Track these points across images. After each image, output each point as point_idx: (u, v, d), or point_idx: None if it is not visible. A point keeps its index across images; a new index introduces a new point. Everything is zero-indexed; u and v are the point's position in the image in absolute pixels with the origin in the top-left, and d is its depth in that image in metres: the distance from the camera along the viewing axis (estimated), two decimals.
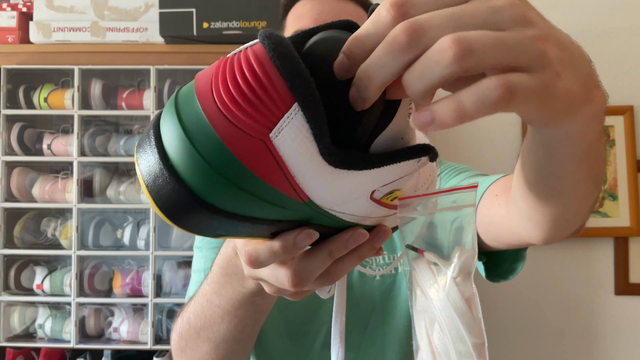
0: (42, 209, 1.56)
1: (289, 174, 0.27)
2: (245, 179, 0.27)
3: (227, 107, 0.25)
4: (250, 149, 0.26)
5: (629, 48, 1.74)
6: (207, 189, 0.26)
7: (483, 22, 0.26)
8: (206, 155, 0.26)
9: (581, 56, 0.31)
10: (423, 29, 0.25)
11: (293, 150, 0.26)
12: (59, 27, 1.51)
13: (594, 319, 1.71)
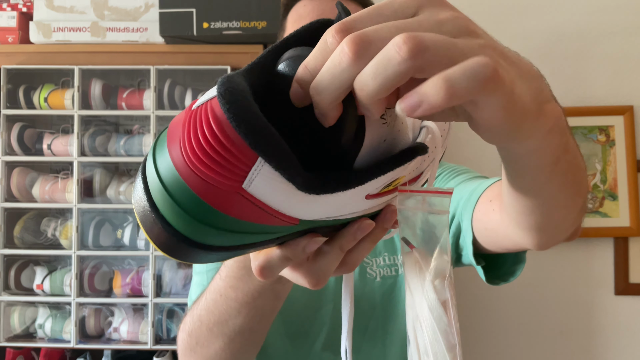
0: (42, 209, 1.57)
1: (272, 210, 0.28)
2: (229, 223, 0.27)
3: (195, 166, 0.26)
4: (226, 200, 0.26)
5: (629, 48, 1.74)
6: (192, 233, 0.27)
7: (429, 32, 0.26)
8: (183, 205, 0.26)
9: (529, 71, 0.31)
10: (369, 39, 0.25)
11: (269, 192, 0.27)
12: (59, 27, 1.51)
13: (594, 319, 1.71)
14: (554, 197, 0.44)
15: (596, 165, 1.71)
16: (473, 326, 1.71)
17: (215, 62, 1.48)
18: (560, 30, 1.76)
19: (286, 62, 0.29)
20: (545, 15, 1.76)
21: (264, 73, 0.29)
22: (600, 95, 1.74)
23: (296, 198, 0.28)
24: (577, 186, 0.45)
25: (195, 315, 0.63)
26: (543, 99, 0.32)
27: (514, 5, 1.77)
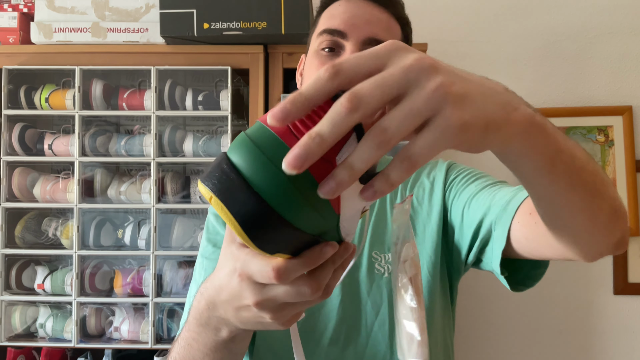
0: (43, 208, 1.57)
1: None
2: (316, 197, 0.32)
3: (297, 129, 0.33)
4: (323, 171, 0.32)
5: (628, 48, 1.74)
6: (290, 211, 0.32)
7: (398, 84, 0.32)
8: (299, 185, 0.32)
9: (492, 88, 0.36)
10: (358, 98, 0.31)
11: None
12: (60, 27, 1.52)
13: (593, 318, 1.71)
14: (568, 200, 0.47)
15: None
16: (473, 325, 1.71)
17: (216, 63, 1.49)
18: (560, 31, 1.76)
19: None
20: (545, 16, 1.77)
21: None
22: (599, 95, 1.74)
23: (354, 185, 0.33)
24: (589, 188, 0.47)
25: (172, 357, 0.65)
26: (510, 109, 0.36)
27: (514, 5, 1.77)
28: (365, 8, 0.80)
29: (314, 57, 0.81)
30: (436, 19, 1.77)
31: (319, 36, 0.81)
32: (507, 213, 0.68)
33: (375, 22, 0.79)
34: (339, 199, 0.34)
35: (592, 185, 0.48)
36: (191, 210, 1.56)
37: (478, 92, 0.34)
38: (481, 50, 1.77)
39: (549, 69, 1.76)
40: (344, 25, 0.78)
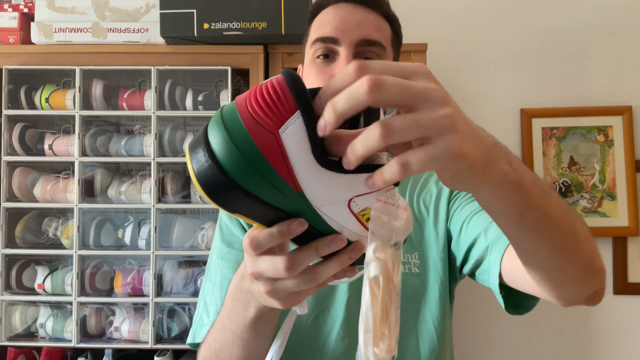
0: (44, 208, 1.57)
1: (289, 165, 0.37)
2: (262, 165, 0.37)
3: (254, 111, 0.37)
4: (266, 141, 0.36)
5: (627, 48, 1.75)
6: (238, 173, 0.37)
7: (417, 94, 0.36)
8: (240, 147, 0.36)
9: (483, 138, 0.40)
10: (380, 82, 0.35)
11: (294, 145, 0.36)
12: (60, 27, 1.52)
13: (593, 318, 1.72)
14: (536, 251, 0.52)
15: (595, 166, 1.71)
16: (473, 325, 1.72)
17: (216, 63, 1.49)
18: (560, 31, 1.76)
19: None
20: (545, 16, 1.77)
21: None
22: (599, 95, 1.75)
23: (307, 163, 0.37)
24: (559, 245, 0.51)
25: (207, 342, 0.69)
26: (488, 161, 0.40)
27: (514, 5, 1.77)
28: (353, 11, 0.82)
29: (311, 66, 0.82)
30: (436, 19, 1.77)
31: (312, 45, 0.83)
32: (502, 240, 0.72)
33: (365, 23, 0.81)
34: (292, 174, 0.37)
35: (563, 243, 0.51)
36: (191, 210, 1.56)
37: (474, 136, 0.39)
38: (481, 50, 1.77)
39: (549, 69, 1.76)
40: (335, 31, 0.80)
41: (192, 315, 1.51)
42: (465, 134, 0.37)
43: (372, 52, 0.80)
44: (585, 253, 0.55)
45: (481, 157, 0.39)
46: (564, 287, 0.59)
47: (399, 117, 0.35)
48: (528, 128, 1.72)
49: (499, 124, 1.76)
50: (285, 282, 0.45)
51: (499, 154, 0.42)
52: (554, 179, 1.72)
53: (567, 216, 0.51)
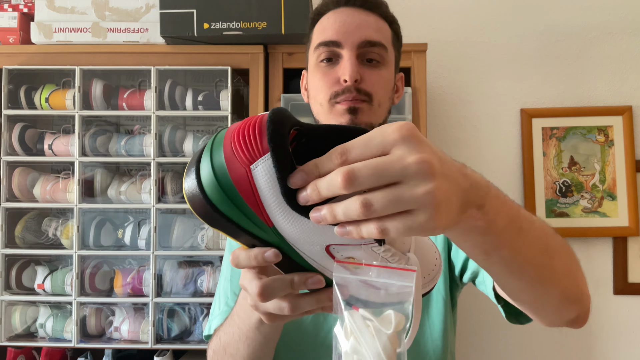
0: (44, 208, 1.57)
1: (259, 200, 0.39)
2: (236, 197, 0.39)
3: (234, 144, 0.38)
4: (239, 174, 0.38)
5: (628, 48, 1.75)
6: (217, 201, 0.39)
7: (395, 175, 0.36)
8: (218, 177, 0.39)
9: (463, 182, 0.41)
10: (353, 176, 0.36)
11: (264, 183, 0.38)
12: (60, 27, 1.52)
13: (593, 318, 1.72)
14: (507, 283, 0.54)
15: (595, 166, 1.71)
16: (473, 324, 1.71)
17: (216, 63, 1.49)
18: (560, 31, 1.76)
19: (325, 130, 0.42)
20: (545, 16, 1.77)
21: (307, 131, 0.42)
22: (599, 95, 1.75)
23: (277, 202, 0.38)
24: (531, 279, 0.52)
25: (218, 335, 0.70)
26: (459, 210, 0.40)
27: (514, 5, 1.77)
28: (354, 14, 0.83)
29: (316, 71, 0.84)
30: (436, 18, 1.77)
31: (315, 50, 0.84)
32: None
33: (365, 25, 0.82)
34: (262, 209, 0.39)
35: (537, 278, 0.52)
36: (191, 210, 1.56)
37: (455, 199, 0.39)
38: (481, 50, 1.77)
39: (549, 69, 1.76)
40: (337, 34, 0.82)
41: (192, 315, 1.51)
42: (445, 202, 0.37)
43: (374, 53, 0.82)
44: (562, 285, 0.56)
45: (453, 211, 0.39)
46: (542, 313, 0.60)
47: (380, 194, 0.36)
48: (528, 128, 1.72)
49: (499, 124, 1.76)
50: (263, 304, 0.47)
51: (473, 199, 0.42)
52: (554, 179, 1.72)
53: (545, 252, 0.52)
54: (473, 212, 0.42)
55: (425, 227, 0.37)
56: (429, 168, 0.36)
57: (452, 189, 0.38)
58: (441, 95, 1.77)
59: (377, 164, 0.36)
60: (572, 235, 1.69)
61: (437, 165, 0.37)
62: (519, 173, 1.74)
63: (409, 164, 0.36)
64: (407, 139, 0.37)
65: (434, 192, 0.36)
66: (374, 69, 0.82)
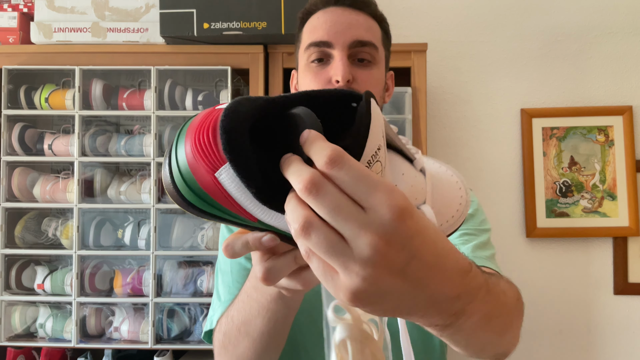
0: (43, 208, 1.57)
1: (235, 203, 0.36)
2: (209, 201, 0.36)
3: (195, 147, 0.35)
4: (207, 181, 0.35)
5: (628, 48, 1.74)
6: (193, 200, 0.37)
7: (348, 233, 0.33)
8: (187, 181, 0.36)
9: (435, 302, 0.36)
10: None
11: (233, 189, 0.35)
12: (60, 27, 1.52)
13: (593, 318, 1.71)
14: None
15: (595, 165, 1.71)
16: None
17: (216, 63, 1.49)
18: (560, 31, 1.76)
19: (298, 114, 0.37)
20: (546, 15, 1.77)
21: (275, 105, 0.38)
22: (599, 95, 1.74)
23: (253, 203, 0.36)
24: (474, 348, 0.51)
25: (230, 315, 0.68)
26: (401, 312, 0.37)
27: (514, 5, 1.77)
28: (343, 14, 0.83)
29: (307, 71, 0.84)
30: (436, 18, 1.77)
31: (306, 50, 0.84)
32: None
33: (355, 25, 0.82)
34: (241, 209, 0.37)
35: (481, 348, 0.52)
36: None
37: (400, 301, 0.35)
38: (481, 50, 1.77)
39: (549, 69, 1.76)
40: (328, 34, 0.81)
41: (191, 315, 1.51)
42: (375, 295, 0.34)
43: (365, 52, 0.82)
44: (505, 346, 0.56)
45: (387, 309, 0.36)
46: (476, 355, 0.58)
47: (324, 233, 0.33)
48: (528, 128, 1.72)
49: (499, 124, 1.75)
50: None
51: (447, 308, 0.37)
52: (554, 179, 1.71)
53: (501, 327, 0.50)
54: (435, 319, 0.38)
55: (342, 301, 0.34)
56: (378, 254, 0.32)
57: (398, 290, 0.34)
58: (441, 95, 1.77)
59: (341, 207, 0.32)
60: (572, 235, 1.69)
61: (394, 259, 0.32)
62: (519, 173, 1.74)
63: (365, 237, 0.32)
64: (395, 219, 0.32)
65: (367, 280, 0.32)
66: (365, 68, 0.82)
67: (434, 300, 0.36)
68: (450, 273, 0.36)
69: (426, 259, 0.34)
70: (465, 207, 0.47)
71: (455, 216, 0.46)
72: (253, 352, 0.65)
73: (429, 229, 0.34)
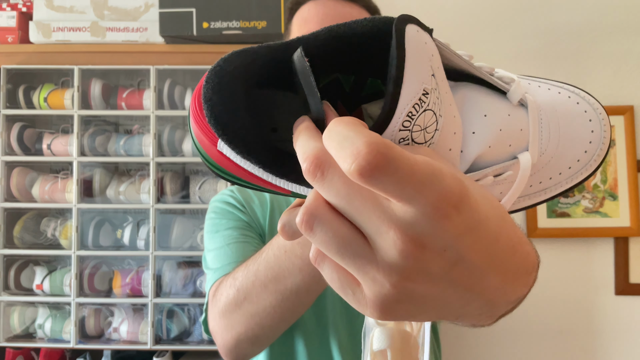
0: (42, 209, 1.56)
1: (251, 174, 0.30)
2: (230, 175, 0.30)
3: (194, 122, 0.29)
4: (215, 155, 0.29)
5: (629, 48, 1.74)
6: (219, 172, 0.31)
7: (369, 230, 0.25)
8: (202, 153, 0.30)
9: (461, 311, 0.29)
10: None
11: (242, 163, 0.29)
12: (59, 27, 1.51)
13: (594, 318, 1.71)
14: None
15: None
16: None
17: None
18: (559, 30, 1.76)
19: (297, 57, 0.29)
20: (545, 15, 1.76)
21: (275, 54, 0.30)
22: (600, 95, 1.74)
23: (271, 175, 0.29)
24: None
25: (251, 270, 0.61)
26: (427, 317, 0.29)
27: (514, 5, 1.77)
28: (336, 6, 0.79)
29: None
30: (436, 18, 1.77)
31: None
32: None
33: (348, 18, 0.79)
34: (262, 181, 0.30)
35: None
36: (190, 210, 1.55)
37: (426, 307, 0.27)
38: (481, 49, 1.76)
39: (550, 69, 1.75)
40: (320, 27, 0.77)
41: (191, 316, 1.51)
42: (404, 301, 0.26)
43: None
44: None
45: (415, 316, 0.29)
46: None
47: (333, 230, 0.25)
48: None
49: None
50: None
51: (488, 312, 0.30)
52: None
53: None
54: (486, 322, 0.32)
55: (362, 310, 0.26)
56: (408, 258, 0.24)
57: (434, 297, 0.26)
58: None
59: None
60: (573, 235, 1.69)
61: (432, 263, 0.24)
62: None
63: (390, 235, 0.23)
64: (436, 216, 0.23)
65: (397, 288, 0.24)
66: None
67: (491, 305, 0.28)
68: (514, 275, 0.29)
69: (478, 262, 0.25)
70: (599, 147, 0.35)
71: (582, 160, 0.34)
72: (279, 311, 0.60)
73: (490, 221, 0.25)
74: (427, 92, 0.27)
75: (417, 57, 0.27)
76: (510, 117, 0.32)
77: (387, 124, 0.26)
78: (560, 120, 0.34)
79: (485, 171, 0.31)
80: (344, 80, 0.34)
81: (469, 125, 0.31)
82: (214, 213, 0.86)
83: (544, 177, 0.34)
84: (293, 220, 0.32)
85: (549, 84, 0.37)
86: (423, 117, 0.27)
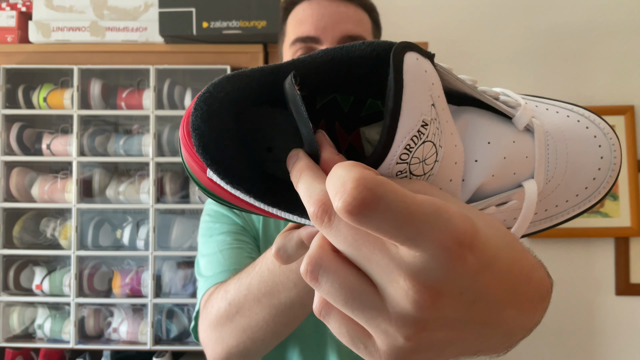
0: (42, 209, 1.56)
1: (248, 204, 0.29)
2: (222, 200, 0.30)
3: (183, 148, 0.29)
4: (205, 181, 0.29)
5: (629, 48, 1.74)
6: (213, 198, 0.31)
7: (377, 278, 0.24)
8: (194, 179, 0.30)
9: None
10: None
11: (233, 190, 0.28)
12: (58, 26, 1.51)
13: (595, 319, 1.71)
14: None
15: None
16: None
17: (215, 62, 1.48)
18: (560, 30, 1.75)
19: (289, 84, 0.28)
20: (545, 15, 1.76)
21: (267, 79, 0.29)
22: (600, 95, 1.74)
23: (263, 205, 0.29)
24: None
25: (244, 283, 0.60)
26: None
27: (514, 5, 1.76)
28: (331, 6, 0.77)
29: None
30: (437, 18, 1.76)
31: (292, 46, 0.79)
32: None
33: (345, 19, 0.77)
34: (254, 207, 0.30)
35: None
36: (190, 210, 1.55)
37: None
38: (481, 49, 1.76)
39: (550, 69, 1.75)
40: (315, 29, 0.76)
41: (191, 316, 1.50)
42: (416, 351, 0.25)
43: None
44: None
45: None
46: None
47: (339, 280, 0.24)
48: None
49: None
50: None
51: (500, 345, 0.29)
52: None
53: None
54: (502, 351, 0.31)
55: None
56: (423, 309, 0.22)
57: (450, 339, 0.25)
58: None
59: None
60: (574, 235, 1.68)
61: (449, 309, 0.23)
62: None
63: (401, 284, 0.22)
64: (448, 260, 0.22)
65: (412, 339, 0.23)
66: None
67: (509, 336, 0.28)
68: (530, 303, 0.28)
69: (494, 297, 0.24)
70: (609, 174, 0.33)
71: (590, 187, 0.33)
72: (272, 326, 0.59)
73: (502, 253, 0.24)
74: (426, 124, 0.26)
75: (415, 88, 0.25)
76: (515, 143, 0.31)
77: (384, 157, 0.25)
78: (568, 145, 0.33)
79: (488, 201, 0.30)
80: (342, 100, 0.33)
81: (471, 153, 0.30)
82: (209, 216, 0.85)
83: (550, 205, 0.33)
84: (288, 245, 0.32)
85: (557, 107, 0.35)
86: (422, 149, 0.26)
